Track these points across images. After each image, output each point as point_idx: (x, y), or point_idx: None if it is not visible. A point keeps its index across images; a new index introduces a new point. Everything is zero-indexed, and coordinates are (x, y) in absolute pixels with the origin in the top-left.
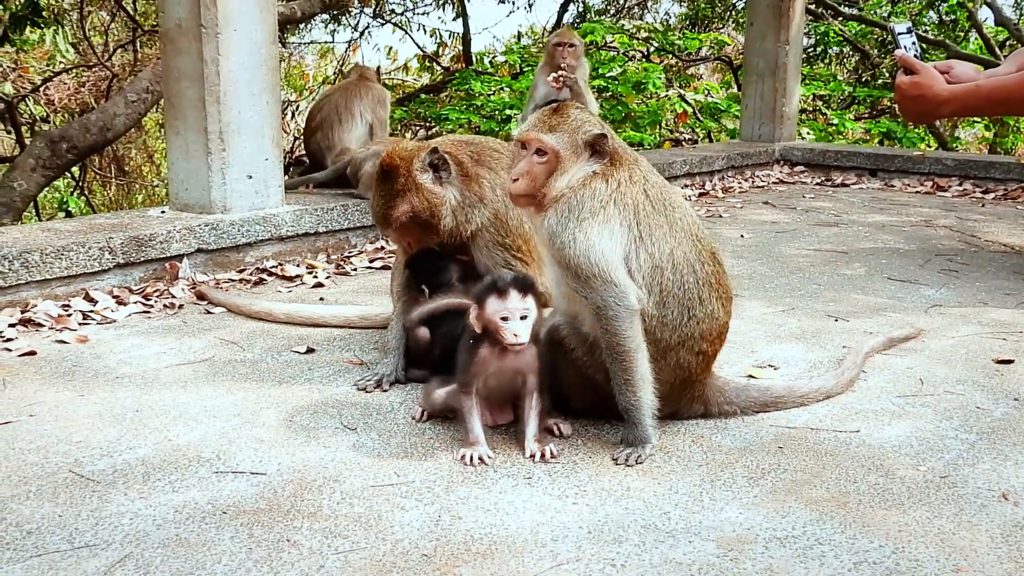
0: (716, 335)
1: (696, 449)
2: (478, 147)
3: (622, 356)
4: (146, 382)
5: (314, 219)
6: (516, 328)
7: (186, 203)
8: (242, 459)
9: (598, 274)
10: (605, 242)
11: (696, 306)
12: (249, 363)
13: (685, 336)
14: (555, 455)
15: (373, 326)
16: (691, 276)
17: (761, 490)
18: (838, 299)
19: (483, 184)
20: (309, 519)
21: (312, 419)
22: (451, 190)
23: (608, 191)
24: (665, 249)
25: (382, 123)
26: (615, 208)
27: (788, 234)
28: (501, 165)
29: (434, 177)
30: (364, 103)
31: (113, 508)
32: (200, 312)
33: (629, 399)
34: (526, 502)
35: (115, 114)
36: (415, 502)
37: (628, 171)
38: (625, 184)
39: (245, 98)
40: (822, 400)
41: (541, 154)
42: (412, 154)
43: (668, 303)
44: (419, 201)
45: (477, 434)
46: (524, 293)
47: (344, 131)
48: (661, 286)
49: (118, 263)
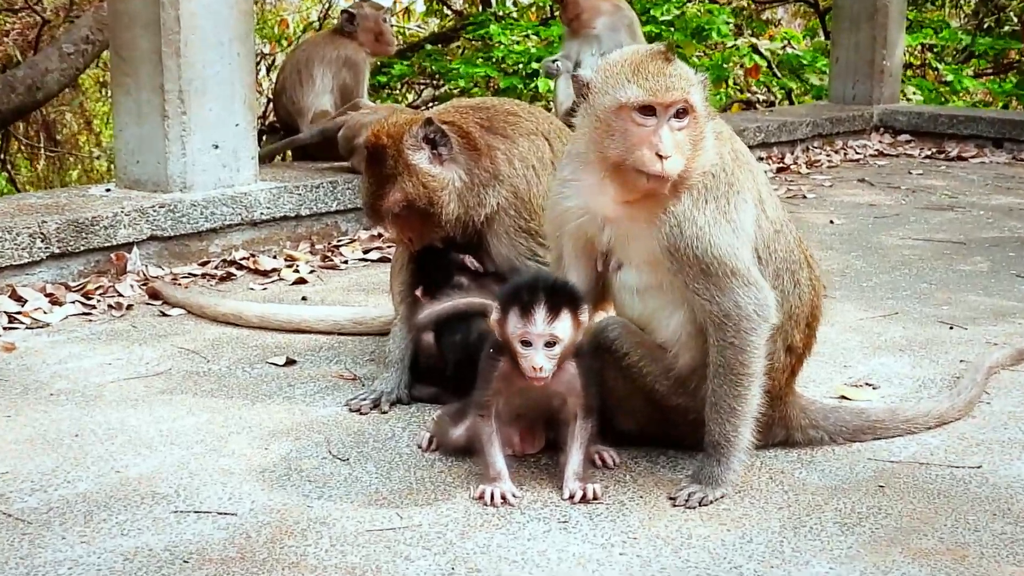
0: (809, 316)
1: (775, 487)
2: (489, 112)
3: (741, 378)
4: (87, 400)
5: (295, 199)
6: (537, 359)
7: (137, 179)
8: (207, 495)
9: (738, 272)
10: (747, 227)
11: (799, 270)
12: (214, 377)
13: (789, 311)
14: (599, 496)
15: (369, 332)
16: (791, 235)
17: (857, 540)
18: (953, 301)
19: (497, 157)
20: (291, 570)
21: (293, 446)
22: (454, 169)
23: (731, 155)
24: (778, 208)
25: (352, 89)
26: (743, 175)
27: (890, 220)
28: (520, 131)
29: (431, 155)
30: (325, 65)
31: (48, 555)
32: (153, 314)
33: (727, 431)
34: (562, 552)
35: (47, 70)
36: (422, 551)
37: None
38: (728, 139)
39: (211, 49)
40: (933, 427)
41: (682, 116)
42: (402, 129)
43: (781, 273)
44: (413, 186)
45: (499, 468)
46: (555, 313)
47: (306, 94)
48: (777, 254)
49: (52, 253)
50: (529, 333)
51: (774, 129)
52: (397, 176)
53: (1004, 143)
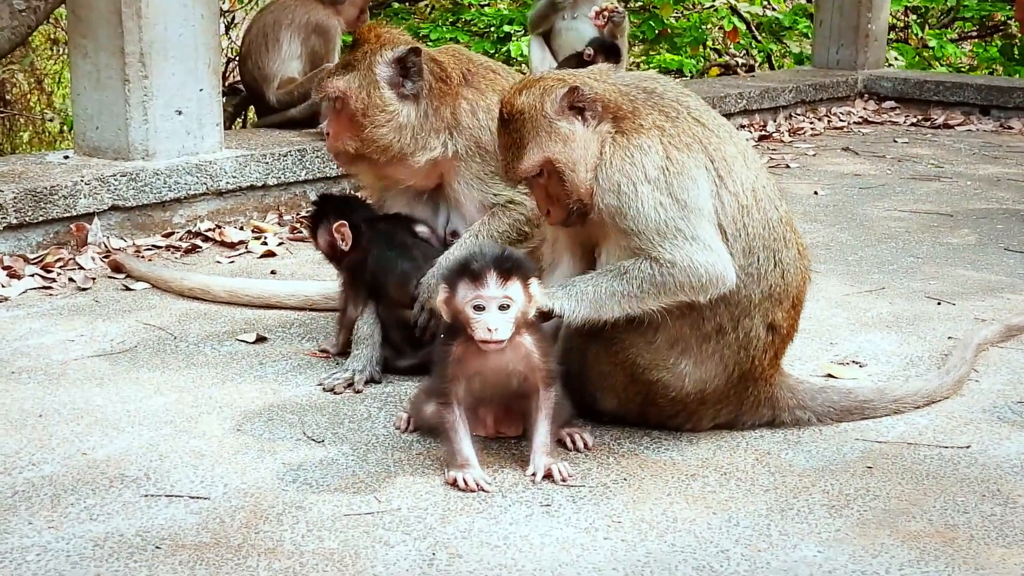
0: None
1: (761, 469)
2: (477, 66)
3: (636, 282)
4: (50, 378)
5: (262, 168)
6: (492, 320)
7: (96, 146)
8: (178, 479)
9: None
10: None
11: (782, 249)
12: (182, 355)
13: (768, 290)
14: (568, 477)
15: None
16: (772, 214)
17: (845, 522)
18: (941, 275)
19: (460, 107)
20: (267, 556)
21: (266, 428)
22: (409, 107)
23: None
24: (746, 184)
25: (322, 56)
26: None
27: (875, 191)
28: (495, 87)
29: (395, 83)
30: (293, 29)
31: (14, 541)
32: (116, 288)
33: (589, 283)
34: (544, 536)
35: None
36: (402, 535)
37: None
38: (667, 124)
39: (174, 9)
40: (922, 406)
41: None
42: (388, 41)
43: (755, 251)
44: (360, 97)
45: (466, 454)
46: (506, 276)
47: (272, 60)
48: (748, 230)
49: (9, 224)
50: (482, 296)
51: (756, 96)
52: (359, 81)
53: (991, 110)
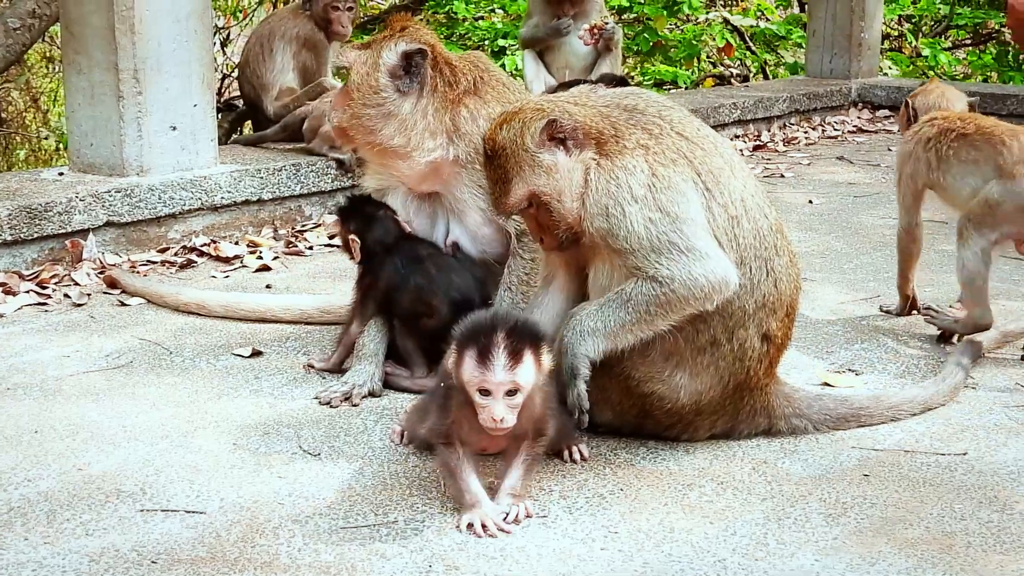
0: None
1: (758, 478)
2: (490, 76)
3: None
4: (46, 394)
5: (257, 183)
6: (497, 410)
7: (91, 162)
8: (174, 493)
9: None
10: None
11: (773, 258)
12: (178, 370)
13: (762, 299)
14: (528, 516)
15: (337, 322)
16: (763, 222)
17: (842, 530)
18: (936, 283)
19: (460, 114)
20: (263, 570)
21: (262, 442)
22: (403, 100)
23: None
24: (735, 195)
25: (313, 70)
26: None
27: (870, 199)
28: (500, 99)
29: (396, 74)
30: (285, 41)
31: (10, 557)
32: (112, 304)
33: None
34: (541, 548)
35: None
36: (399, 548)
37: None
38: (653, 140)
39: (167, 25)
40: (918, 413)
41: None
42: (409, 34)
43: (747, 261)
44: (360, 72)
45: (475, 492)
46: (516, 358)
47: (268, 70)
48: (740, 240)
49: (4, 241)
50: (488, 382)
51: (750, 106)
52: (365, 69)
53: None
